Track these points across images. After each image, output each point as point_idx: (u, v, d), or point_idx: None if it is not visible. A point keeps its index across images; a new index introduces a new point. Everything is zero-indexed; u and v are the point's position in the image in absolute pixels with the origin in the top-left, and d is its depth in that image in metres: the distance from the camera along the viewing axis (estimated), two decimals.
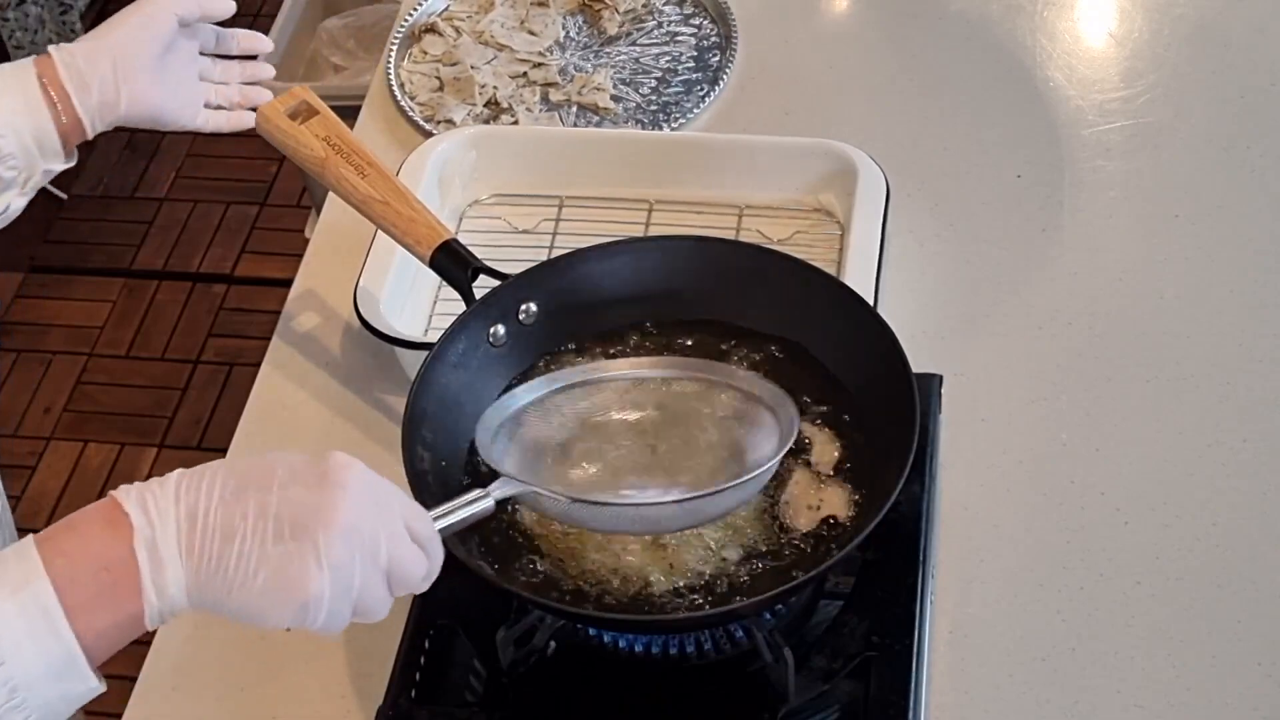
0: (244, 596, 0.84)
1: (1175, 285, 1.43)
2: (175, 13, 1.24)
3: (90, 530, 0.83)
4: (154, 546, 0.83)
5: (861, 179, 1.43)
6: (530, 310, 1.26)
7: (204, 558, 0.83)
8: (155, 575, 0.83)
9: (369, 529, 0.86)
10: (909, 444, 1.11)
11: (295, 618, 0.84)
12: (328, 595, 0.84)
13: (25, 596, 0.80)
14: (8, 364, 2.79)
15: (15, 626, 0.80)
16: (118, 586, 0.82)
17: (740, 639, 1.14)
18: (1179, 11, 1.68)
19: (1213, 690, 1.16)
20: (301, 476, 0.86)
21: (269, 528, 0.84)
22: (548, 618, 1.13)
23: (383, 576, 0.88)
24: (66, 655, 0.81)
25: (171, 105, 1.26)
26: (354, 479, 0.87)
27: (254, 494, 0.85)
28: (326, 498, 0.85)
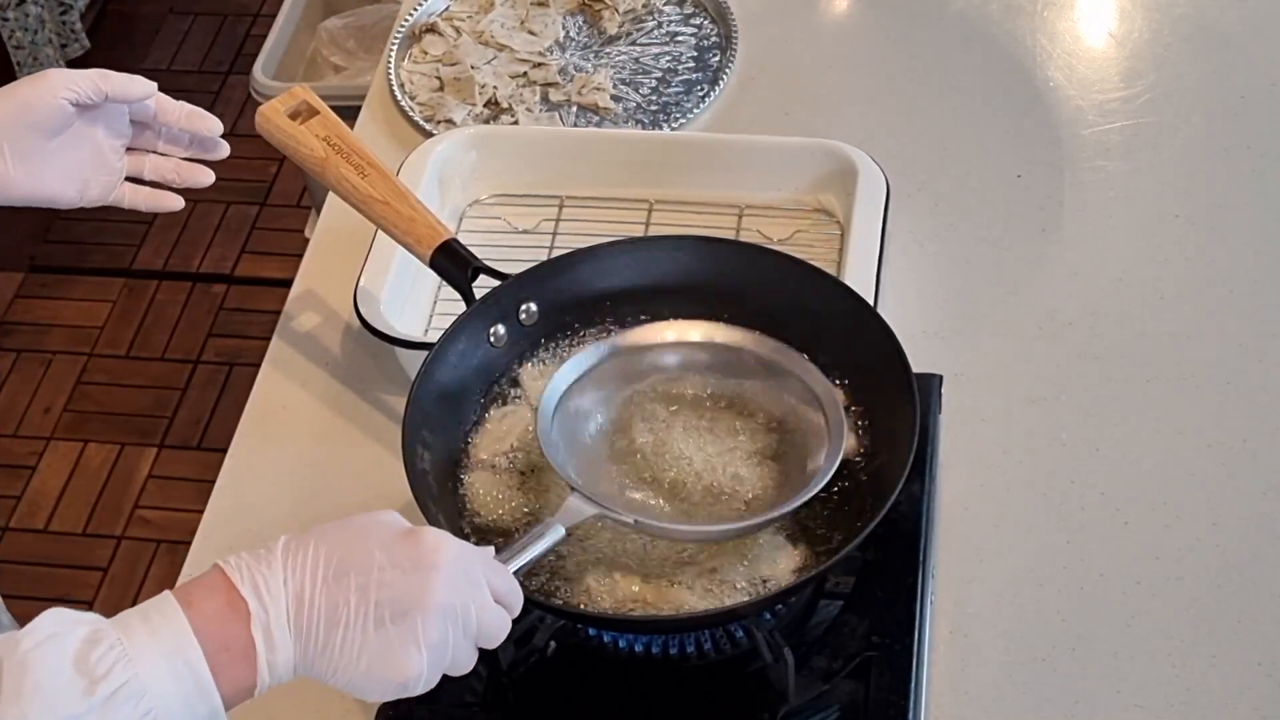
0: (348, 676, 0.89)
1: (1175, 285, 1.43)
2: (64, 97, 1.18)
3: (208, 609, 0.87)
4: (269, 631, 0.87)
5: (861, 179, 1.43)
6: (530, 310, 1.26)
7: (312, 641, 0.88)
8: (270, 656, 0.88)
9: (461, 605, 0.91)
10: (909, 444, 1.11)
11: (394, 693, 0.90)
12: (425, 673, 0.90)
13: (179, 662, 0.85)
14: (8, 364, 2.79)
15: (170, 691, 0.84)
16: (236, 664, 0.87)
17: (740, 639, 1.14)
18: (1179, 11, 1.68)
19: (1213, 690, 1.16)
20: (396, 558, 0.90)
21: (370, 613, 0.88)
22: (548, 618, 1.13)
23: (473, 642, 0.93)
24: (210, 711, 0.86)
25: (57, 189, 1.21)
26: (444, 559, 0.91)
27: (355, 576, 0.89)
28: (422, 581, 0.89)
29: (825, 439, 1.14)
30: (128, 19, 3.37)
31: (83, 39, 3.20)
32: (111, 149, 1.24)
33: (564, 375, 1.18)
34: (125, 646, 0.84)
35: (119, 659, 0.83)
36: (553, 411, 1.16)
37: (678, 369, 1.21)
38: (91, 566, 2.48)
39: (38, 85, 1.18)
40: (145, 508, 2.56)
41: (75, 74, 1.19)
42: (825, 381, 1.17)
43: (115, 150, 1.25)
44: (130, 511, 2.56)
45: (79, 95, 1.19)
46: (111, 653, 0.83)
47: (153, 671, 0.84)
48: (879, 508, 1.10)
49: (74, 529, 2.54)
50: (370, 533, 0.91)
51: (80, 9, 3.21)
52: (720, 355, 1.21)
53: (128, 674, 0.83)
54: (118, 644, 0.84)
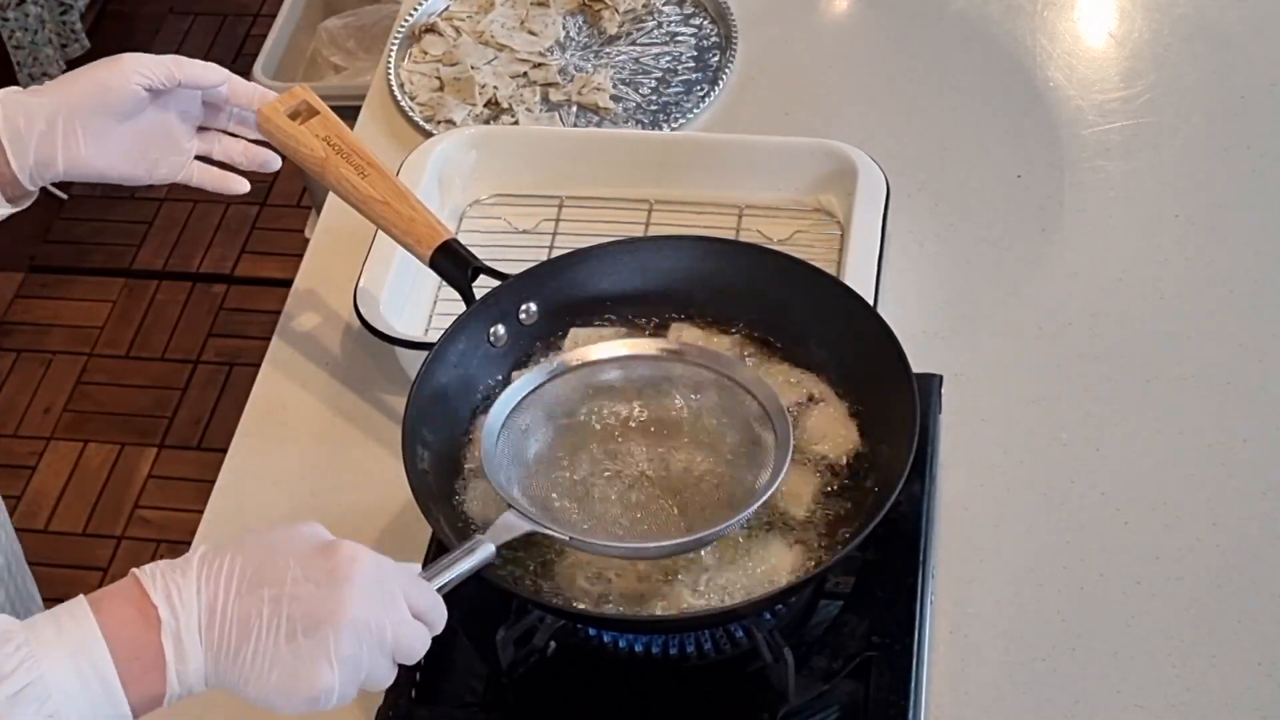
0: (259, 688, 0.88)
1: (1175, 285, 1.43)
2: (137, 82, 1.20)
3: (120, 614, 0.87)
4: (179, 639, 0.87)
5: (861, 179, 1.43)
6: (530, 310, 1.26)
7: (223, 651, 0.88)
8: (179, 665, 0.87)
9: (375, 620, 0.90)
10: (909, 444, 1.11)
11: (306, 707, 0.89)
12: (337, 688, 0.89)
13: (84, 663, 0.84)
14: (8, 364, 2.79)
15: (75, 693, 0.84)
16: (146, 672, 0.87)
17: (740, 639, 1.14)
18: (1179, 11, 1.68)
19: (1213, 690, 1.16)
20: (311, 570, 0.89)
21: (282, 625, 0.88)
22: (548, 618, 1.13)
23: (388, 657, 0.92)
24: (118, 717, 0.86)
25: (127, 168, 1.22)
26: (359, 572, 0.90)
27: (269, 588, 0.88)
28: (334, 594, 0.89)
29: (771, 455, 1.11)
30: (128, 19, 3.37)
31: (83, 39, 3.20)
32: (182, 130, 1.26)
33: (511, 394, 1.15)
34: (32, 648, 0.83)
35: (25, 659, 0.83)
36: (498, 430, 1.13)
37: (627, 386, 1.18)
38: (91, 566, 2.48)
39: (112, 69, 1.20)
40: (145, 508, 2.56)
41: (150, 59, 1.21)
42: (772, 391, 1.14)
43: (186, 132, 1.27)
44: (130, 511, 2.56)
45: (152, 81, 1.21)
46: (18, 653, 0.83)
47: (58, 674, 0.83)
48: (879, 508, 1.10)
49: (74, 529, 2.54)
50: (288, 544, 0.91)
51: (80, 9, 3.21)
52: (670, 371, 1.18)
53: (32, 675, 0.83)
54: (25, 644, 0.84)
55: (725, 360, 1.17)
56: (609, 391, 1.18)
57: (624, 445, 1.16)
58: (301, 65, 2.62)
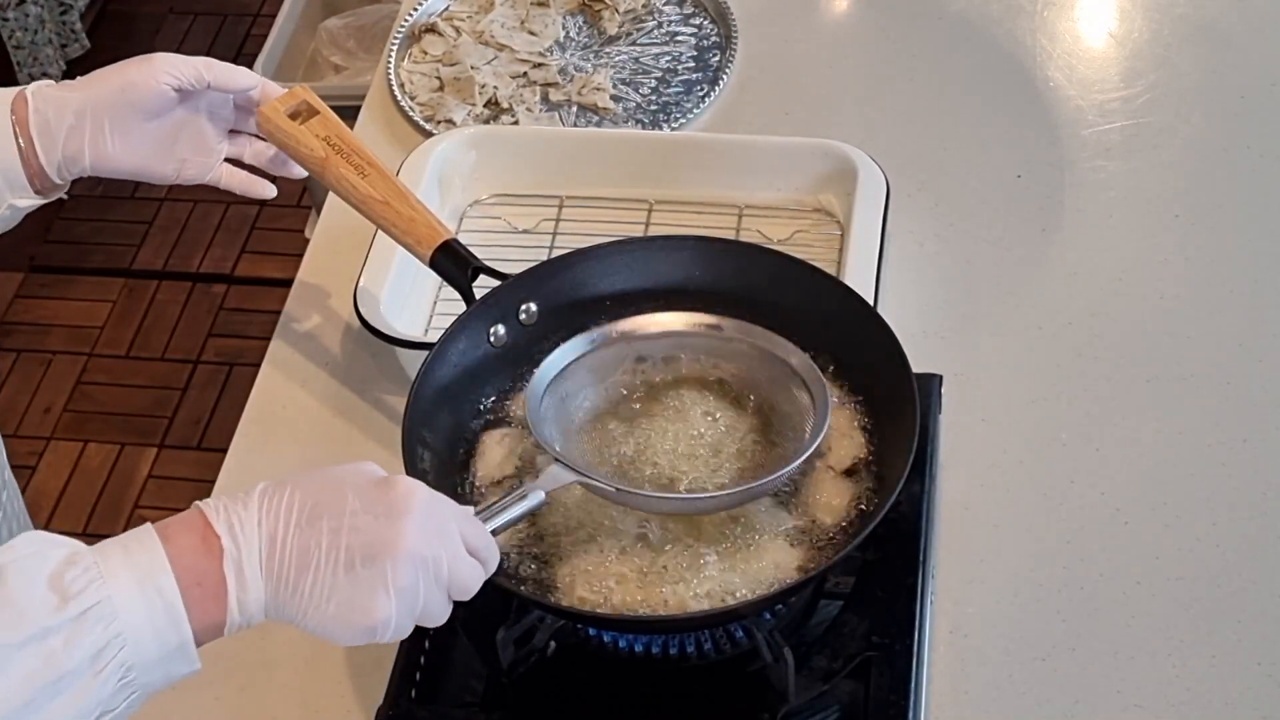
0: (318, 619, 0.90)
1: (1175, 285, 1.43)
2: (166, 82, 1.21)
3: (184, 543, 0.88)
4: (240, 569, 0.88)
5: (861, 179, 1.43)
6: (530, 310, 1.26)
7: (283, 582, 0.89)
8: (240, 594, 0.88)
9: (431, 553, 0.92)
10: (909, 444, 1.11)
11: (364, 638, 0.90)
12: (395, 618, 0.90)
13: (150, 588, 0.86)
14: (8, 364, 2.79)
15: (139, 615, 0.85)
16: (207, 600, 0.88)
17: (740, 639, 1.14)
18: (1179, 11, 1.68)
19: (1213, 690, 1.16)
20: (370, 504, 0.91)
21: (341, 556, 0.89)
22: (548, 618, 1.13)
23: (444, 591, 0.94)
24: (180, 642, 0.87)
25: (154, 167, 1.24)
26: (416, 504, 0.92)
27: (327, 520, 0.90)
28: (392, 526, 0.90)
29: (810, 416, 1.15)
30: (128, 19, 3.37)
31: (83, 39, 3.20)
32: (212, 132, 1.27)
33: (557, 358, 1.18)
34: (100, 570, 0.85)
35: (93, 580, 0.84)
36: (543, 391, 1.16)
37: (666, 355, 1.22)
38: None
39: (142, 67, 1.21)
40: (145, 508, 2.56)
41: (181, 60, 1.22)
42: (809, 362, 1.17)
43: (216, 134, 1.28)
44: (130, 511, 2.56)
45: (181, 81, 1.22)
46: (86, 574, 0.84)
47: (125, 596, 0.85)
48: (879, 508, 1.10)
49: (74, 529, 2.54)
50: (346, 480, 0.92)
51: (80, 9, 3.21)
52: (705, 340, 1.22)
53: (100, 595, 0.84)
54: (93, 566, 0.85)
55: (760, 333, 1.20)
56: (652, 360, 1.21)
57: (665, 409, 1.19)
58: (301, 65, 2.62)
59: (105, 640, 0.83)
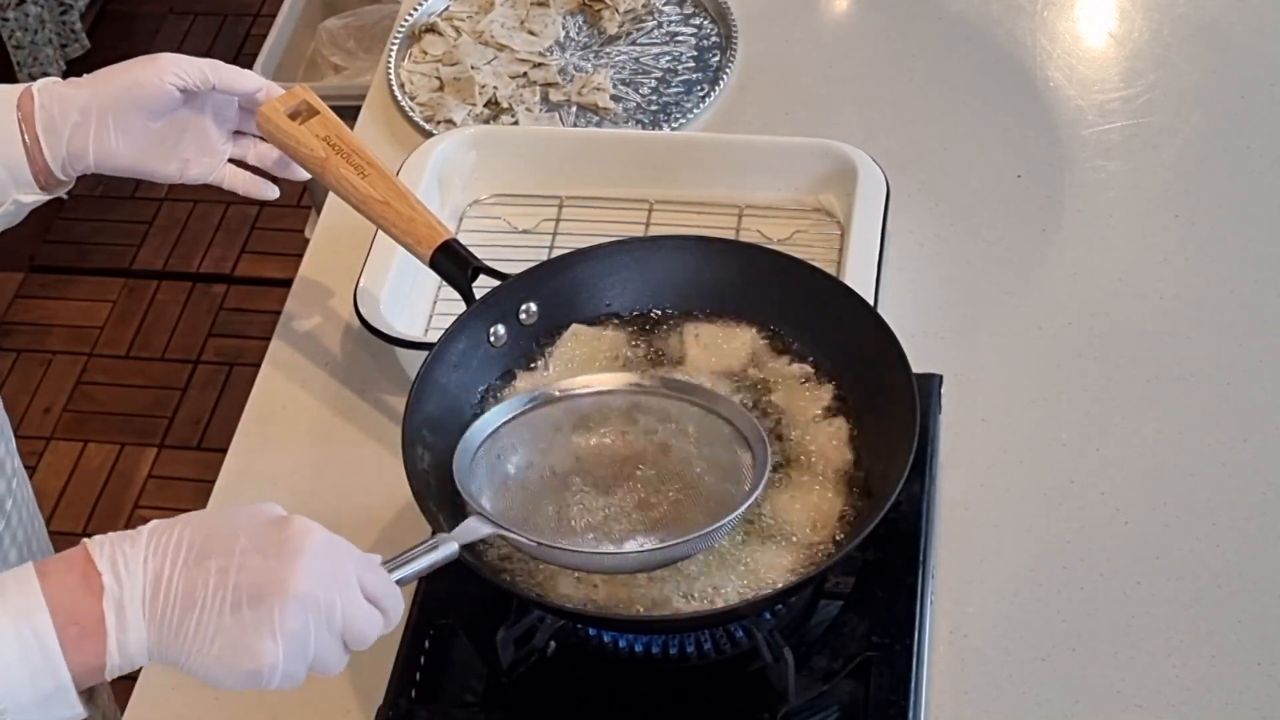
0: (200, 661, 0.87)
1: (1175, 285, 1.43)
2: (171, 83, 1.21)
3: (64, 580, 0.86)
4: (121, 608, 0.86)
5: (861, 179, 1.43)
6: (530, 310, 1.26)
7: (166, 623, 0.86)
8: (120, 635, 0.86)
9: (324, 596, 0.89)
10: (909, 444, 1.11)
11: (249, 683, 0.88)
12: (281, 664, 0.87)
13: (25, 628, 0.84)
14: (8, 364, 2.79)
15: (12, 658, 0.83)
16: (84, 640, 0.85)
17: (740, 639, 1.14)
18: (1179, 11, 1.68)
19: (1213, 690, 1.16)
20: (260, 543, 0.88)
21: (228, 597, 0.87)
22: (548, 618, 1.13)
23: (338, 639, 0.91)
24: (57, 686, 0.84)
25: (157, 166, 1.24)
26: (309, 545, 0.89)
27: (216, 559, 0.87)
28: (283, 566, 0.88)
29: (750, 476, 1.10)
30: (128, 19, 3.38)
31: (83, 39, 3.20)
32: (216, 133, 1.27)
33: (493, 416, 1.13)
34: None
35: None
36: (476, 448, 1.11)
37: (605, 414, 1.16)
38: None
39: (148, 67, 1.21)
40: (145, 508, 2.56)
41: (187, 61, 1.22)
42: (752, 421, 1.12)
43: (220, 135, 1.28)
44: (130, 511, 2.56)
45: (186, 82, 1.22)
46: None
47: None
48: (879, 508, 1.10)
49: (74, 529, 2.54)
50: (240, 519, 0.90)
51: (80, 9, 3.21)
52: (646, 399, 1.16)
53: None
54: None
55: (703, 391, 1.16)
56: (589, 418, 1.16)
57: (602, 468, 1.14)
58: (301, 65, 2.62)
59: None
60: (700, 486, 1.12)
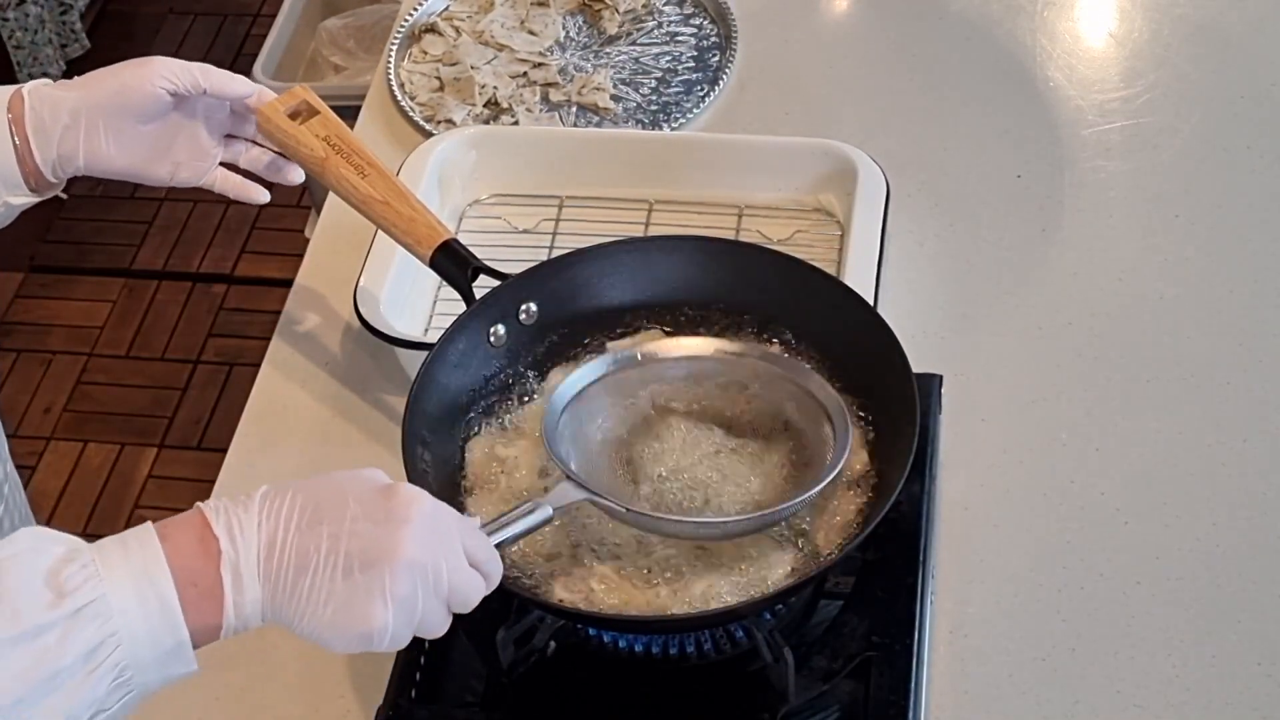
0: (314, 624, 0.89)
1: (1175, 285, 1.43)
2: (162, 87, 1.21)
3: (182, 543, 0.88)
4: (238, 571, 0.87)
5: (861, 179, 1.43)
6: (530, 310, 1.26)
7: (280, 585, 0.88)
8: (237, 597, 0.88)
9: (431, 562, 0.91)
10: (909, 444, 1.11)
11: (360, 645, 0.90)
12: (391, 626, 0.89)
13: (146, 587, 0.85)
14: (8, 364, 2.79)
15: (134, 614, 0.85)
16: (203, 601, 0.87)
17: (740, 639, 1.14)
18: (1179, 11, 1.68)
19: (1213, 690, 1.16)
20: (370, 510, 0.90)
21: (339, 562, 0.88)
22: (548, 618, 1.13)
23: (443, 602, 0.93)
24: (176, 643, 0.86)
25: (148, 169, 1.24)
26: (417, 513, 0.91)
27: (328, 525, 0.89)
28: (392, 534, 0.90)
29: (829, 449, 1.13)
30: (128, 19, 3.38)
31: (83, 39, 3.20)
32: (207, 137, 1.27)
33: (577, 378, 1.17)
34: (98, 567, 0.85)
35: (90, 577, 0.84)
36: (561, 410, 1.15)
37: (688, 380, 1.20)
38: None
39: (138, 70, 1.21)
40: (145, 508, 2.56)
41: (178, 65, 1.22)
42: (834, 394, 1.16)
43: (211, 139, 1.27)
44: (130, 511, 2.56)
45: (176, 86, 1.22)
46: (84, 571, 0.84)
47: (121, 594, 0.84)
48: (879, 508, 1.10)
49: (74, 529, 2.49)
50: (349, 485, 0.92)
51: (80, 9, 3.21)
52: (728, 368, 1.20)
53: (96, 592, 0.84)
54: (91, 564, 0.85)
55: (786, 361, 1.19)
56: (673, 384, 1.20)
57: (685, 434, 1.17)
58: (301, 65, 2.62)
59: (100, 639, 0.83)
60: (784, 452, 1.15)
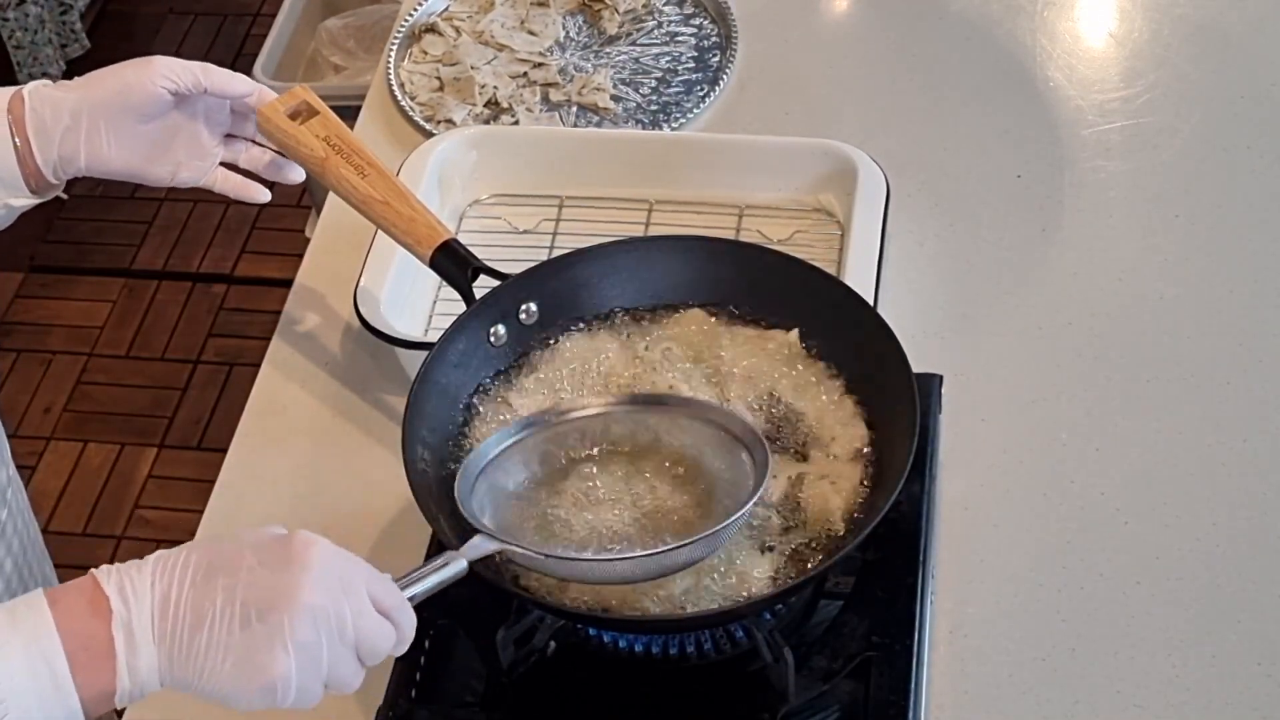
0: (213, 680, 0.87)
1: (1175, 285, 1.43)
2: (163, 86, 1.20)
3: (73, 606, 0.86)
4: (130, 630, 0.86)
5: (861, 179, 1.43)
6: (530, 310, 1.26)
7: (176, 644, 0.86)
8: (130, 659, 0.86)
9: (334, 608, 0.88)
10: (909, 444, 1.11)
11: (264, 700, 0.87)
12: (294, 676, 0.87)
13: (35, 654, 0.84)
14: (8, 364, 2.79)
15: (24, 686, 0.83)
16: (95, 664, 0.85)
17: (740, 639, 1.14)
18: (1179, 11, 1.68)
19: (1213, 690, 1.16)
20: (267, 558, 0.88)
21: (236, 612, 0.86)
22: (548, 618, 1.13)
23: (351, 652, 0.90)
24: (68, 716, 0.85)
25: (148, 169, 1.23)
26: (316, 557, 0.89)
27: (222, 577, 0.87)
28: (291, 579, 0.87)
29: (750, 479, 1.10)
30: (128, 19, 3.38)
31: (83, 39, 3.20)
32: (208, 137, 1.27)
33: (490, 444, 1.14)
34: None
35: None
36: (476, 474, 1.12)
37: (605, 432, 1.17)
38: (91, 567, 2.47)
39: (139, 70, 1.21)
40: (145, 508, 2.56)
41: (179, 64, 1.22)
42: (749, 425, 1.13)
43: (211, 138, 1.27)
44: (130, 511, 2.56)
45: (178, 85, 1.21)
46: None
47: (9, 664, 0.83)
48: (879, 508, 1.10)
49: (74, 529, 2.54)
50: (245, 538, 0.90)
51: (80, 9, 3.21)
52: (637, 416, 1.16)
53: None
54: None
55: (695, 403, 1.17)
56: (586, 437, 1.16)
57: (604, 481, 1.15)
58: (301, 65, 2.62)
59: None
60: (705, 491, 1.13)
